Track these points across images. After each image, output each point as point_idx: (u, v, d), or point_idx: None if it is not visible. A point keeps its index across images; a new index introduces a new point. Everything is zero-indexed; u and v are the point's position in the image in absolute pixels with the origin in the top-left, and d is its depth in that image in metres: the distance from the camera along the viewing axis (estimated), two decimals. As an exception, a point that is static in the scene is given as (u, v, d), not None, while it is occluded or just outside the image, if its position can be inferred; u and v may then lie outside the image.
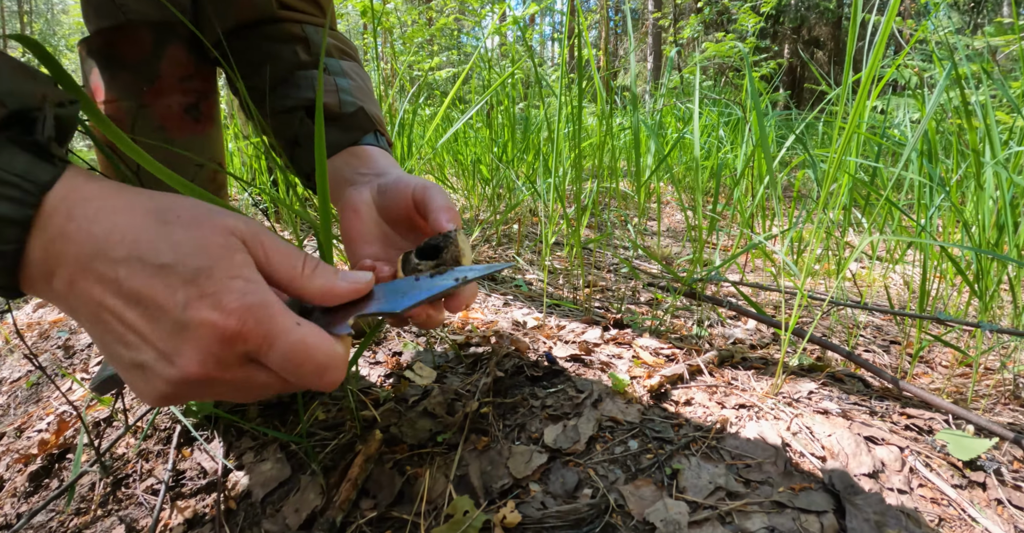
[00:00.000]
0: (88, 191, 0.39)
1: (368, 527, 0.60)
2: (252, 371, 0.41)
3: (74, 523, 0.77)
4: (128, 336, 0.39)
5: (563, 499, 0.59)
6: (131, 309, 0.38)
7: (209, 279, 0.38)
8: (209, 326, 0.37)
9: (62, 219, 0.38)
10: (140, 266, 0.38)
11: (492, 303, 1.23)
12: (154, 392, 0.40)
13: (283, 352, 0.39)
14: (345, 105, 0.71)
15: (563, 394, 0.77)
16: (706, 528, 0.55)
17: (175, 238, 0.39)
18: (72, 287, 0.38)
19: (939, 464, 0.73)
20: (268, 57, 0.77)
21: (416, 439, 0.69)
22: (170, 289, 0.38)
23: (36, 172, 0.38)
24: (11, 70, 0.39)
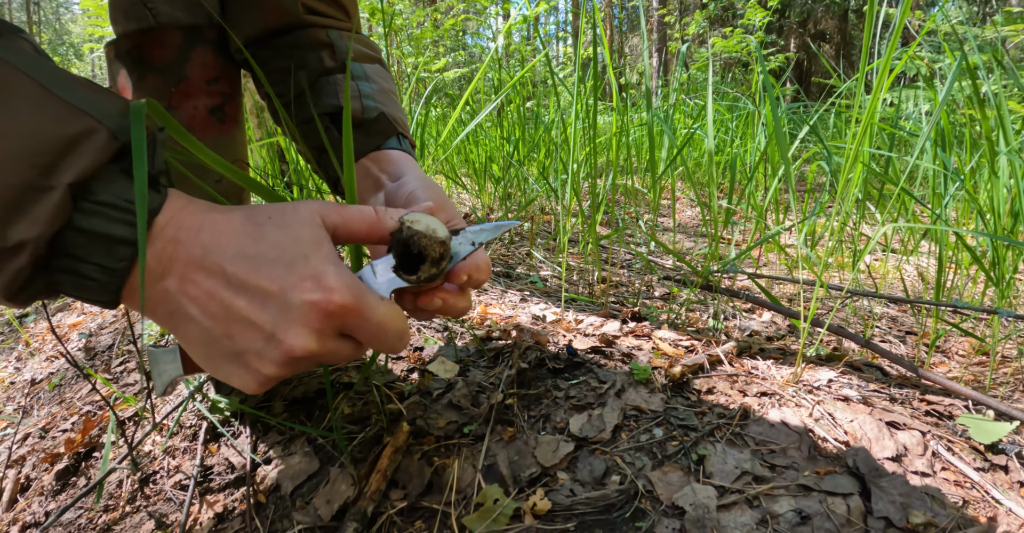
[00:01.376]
0: (191, 209, 0.44)
1: (399, 517, 0.61)
2: (341, 343, 0.46)
3: (103, 520, 0.78)
4: (234, 326, 0.43)
5: (591, 486, 0.60)
6: (240, 297, 0.42)
7: (307, 265, 0.43)
8: (314, 304, 0.42)
9: (173, 231, 0.43)
10: (246, 260, 0.43)
11: (509, 299, 1.24)
12: (258, 377, 0.44)
13: (376, 323, 0.44)
14: (367, 111, 0.73)
15: (586, 385, 0.78)
16: (735, 511, 0.56)
17: (271, 236, 0.44)
18: (183, 285, 0.43)
19: (961, 448, 0.74)
20: (295, 64, 0.79)
21: (443, 431, 0.70)
22: (274, 277, 0.42)
23: (148, 198, 0.41)
24: (119, 106, 0.43)
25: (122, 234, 0.40)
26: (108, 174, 0.41)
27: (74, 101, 0.41)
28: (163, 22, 0.81)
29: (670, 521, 0.55)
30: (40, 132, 0.39)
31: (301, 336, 0.43)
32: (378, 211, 0.50)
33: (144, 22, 0.81)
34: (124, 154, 0.43)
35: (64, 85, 0.42)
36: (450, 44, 6.77)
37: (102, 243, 0.40)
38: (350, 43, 0.74)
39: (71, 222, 0.40)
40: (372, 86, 0.77)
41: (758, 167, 1.54)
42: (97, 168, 0.40)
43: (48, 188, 0.38)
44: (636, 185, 2.47)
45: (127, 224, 0.41)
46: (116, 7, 0.83)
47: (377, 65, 0.82)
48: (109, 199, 0.40)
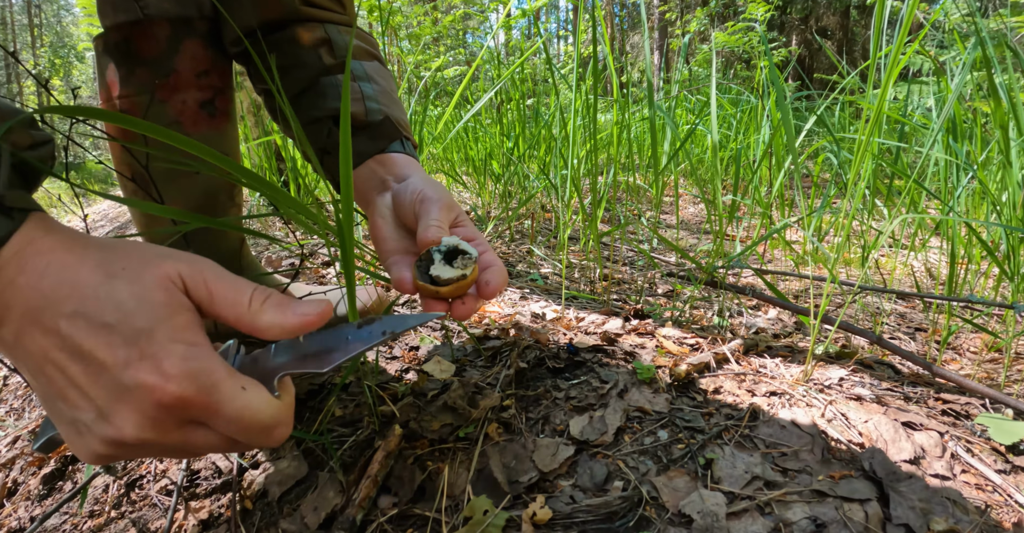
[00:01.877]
0: (43, 244, 0.39)
1: (389, 525, 0.58)
2: (192, 433, 0.39)
3: (87, 526, 0.75)
4: (68, 391, 0.38)
5: (593, 492, 0.57)
6: (74, 363, 0.37)
7: (150, 341, 0.37)
8: (147, 389, 0.36)
9: (13, 272, 0.38)
10: (85, 322, 0.37)
11: (509, 297, 1.21)
12: (89, 451, 0.39)
13: (228, 418, 0.38)
14: (371, 113, 0.71)
15: (587, 385, 0.75)
16: (745, 519, 0.52)
17: (119, 296, 0.38)
18: (19, 338, 0.38)
19: (980, 449, 0.71)
20: (293, 62, 0.77)
21: (437, 434, 0.67)
22: (111, 348, 0.37)
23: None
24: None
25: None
26: None
27: None
28: (151, 14, 0.79)
29: (676, 530, 0.51)
30: None
31: (130, 422, 0.37)
32: (254, 298, 0.42)
33: (132, 14, 0.79)
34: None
35: None
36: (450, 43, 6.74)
37: None
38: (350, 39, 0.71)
39: None
40: (374, 87, 0.74)
41: (763, 160, 1.50)
42: None
43: None
44: (638, 182, 2.44)
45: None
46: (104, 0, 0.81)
47: (376, 62, 0.80)
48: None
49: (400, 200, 0.62)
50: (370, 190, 0.68)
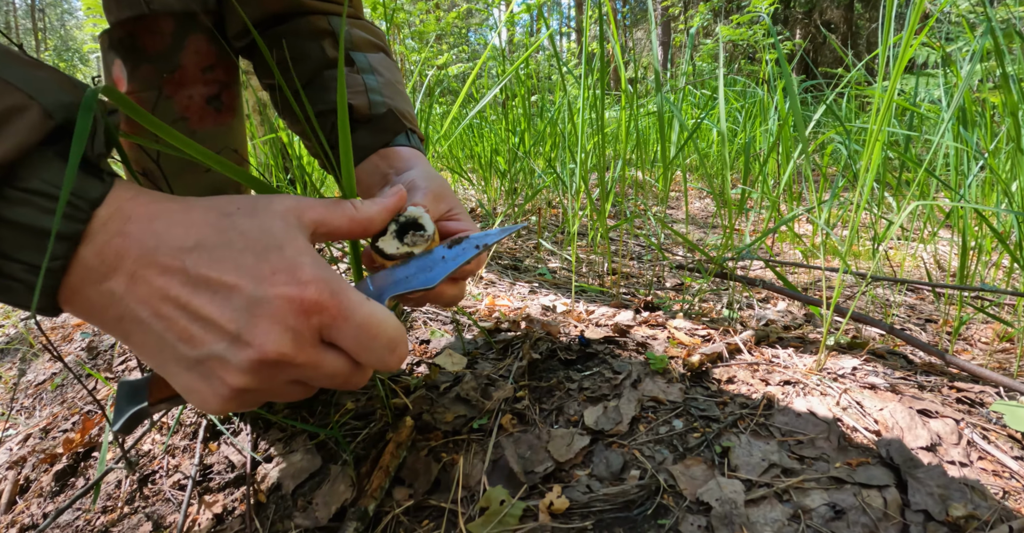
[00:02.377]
0: (143, 198, 0.40)
1: (404, 516, 0.58)
2: (324, 354, 0.40)
3: (101, 521, 0.76)
4: (192, 328, 0.38)
5: (610, 481, 0.57)
6: (199, 295, 0.37)
7: (281, 255, 0.39)
8: (286, 298, 0.37)
9: (119, 223, 0.38)
10: (207, 253, 0.38)
11: (518, 291, 1.21)
12: (217, 393, 0.39)
13: (358, 324, 0.39)
14: (375, 106, 0.70)
15: (599, 376, 0.74)
16: (764, 506, 0.52)
17: (241, 226, 0.39)
18: (132, 285, 0.38)
19: (996, 436, 0.70)
20: (296, 55, 0.76)
21: (450, 425, 0.67)
22: (241, 269, 0.38)
23: (85, 188, 0.37)
24: (58, 81, 0.39)
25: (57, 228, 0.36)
26: (40, 158, 0.37)
27: (6, 76, 0.37)
28: (156, 9, 0.79)
29: (695, 518, 0.51)
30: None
31: (272, 334, 0.37)
32: (356, 204, 0.46)
33: (137, 9, 0.79)
34: (61, 136, 0.38)
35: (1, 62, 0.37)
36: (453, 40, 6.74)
37: (31, 237, 0.36)
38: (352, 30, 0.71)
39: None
40: (378, 79, 0.74)
41: (771, 152, 1.50)
42: (25, 150, 0.36)
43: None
44: (645, 177, 2.44)
45: (63, 216, 0.36)
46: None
47: (381, 54, 0.79)
48: (40, 186, 0.36)
49: None
50: (373, 185, 0.67)
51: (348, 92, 0.71)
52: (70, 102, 0.39)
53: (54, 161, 0.37)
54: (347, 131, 0.56)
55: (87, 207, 0.37)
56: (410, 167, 0.65)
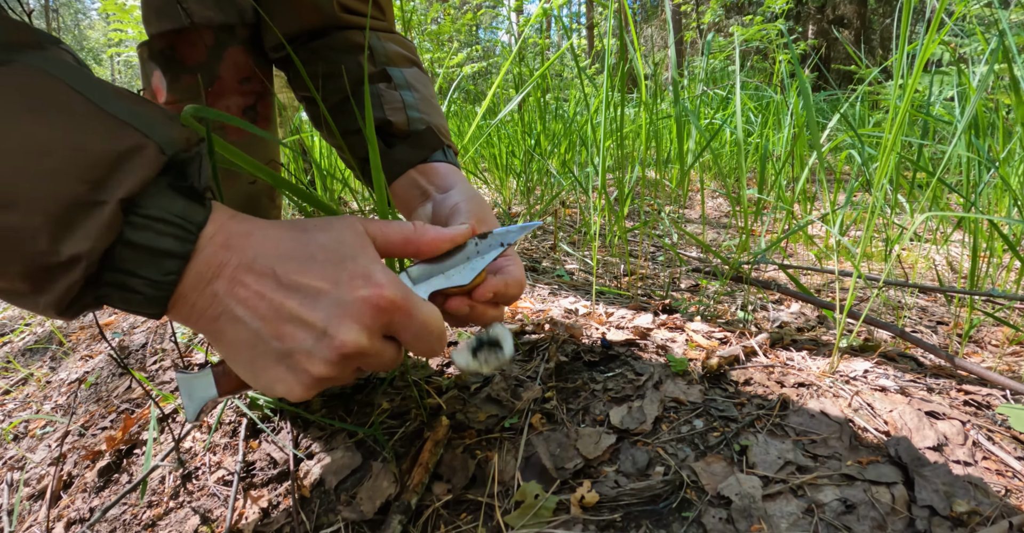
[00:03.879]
0: (237, 219, 0.46)
1: (444, 510, 0.62)
2: (386, 344, 0.47)
3: (147, 515, 0.79)
4: (284, 326, 0.44)
5: (636, 477, 0.61)
6: (291, 297, 0.44)
7: (356, 264, 0.45)
8: (364, 299, 0.44)
9: (223, 237, 0.44)
10: (296, 262, 0.44)
11: (538, 293, 1.25)
12: (305, 380, 0.45)
13: (421, 321, 0.47)
14: (413, 122, 0.74)
15: (622, 377, 0.79)
16: (780, 501, 0.56)
17: (319, 240, 0.46)
18: (233, 286, 0.44)
19: (1001, 437, 0.73)
20: (333, 70, 0.79)
21: (483, 424, 0.71)
22: (325, 276, 0.44)
23: (192, 213, 0.43)
24: (161, 117, 0.44)
25: (170, 247, 0.41)
26: (156, 188, 0.42)
27: (121, 115, 0.42)
28: (197, 22, 0.82)
29: (716, 511, 0.55)
30: (89, 147, 0.39)
31: (353, 331, 0.43)
32: (416, 224, 0.52)
33: (177, 22, 0.81)
34: (170, 167, 0.44)
35: (110, 98, 0.42)
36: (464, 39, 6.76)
37: (150, 256, 0.41)
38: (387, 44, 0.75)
39: (122, 236, 0.40)
40: (415, 95, 0.77)
41: (787, 159, 1.53)
42: (146, 183, 0.41)
43: (100, 203, 0.39)
44: (659, 177, 2.46)
45: (175, 237, 0.42)
46: (149, 7, 0.84)
47: (415, 68, 0.82)
48: (157, 213, 0.41)
49: (438, 212, 0.67)
50: (412, 199, 0.72)
51: (387, 109, 0.74)
52: (175, 137, 0.44)
53: (167, 190, 0.43)
54: (375, 148, 0.62)
55: (195, 229, 0.43)
56: (450, 185, 0.69)
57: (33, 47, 0.43)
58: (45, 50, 0.44)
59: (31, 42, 0.44)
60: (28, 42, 0.44)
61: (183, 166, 0.44)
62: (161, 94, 0.87)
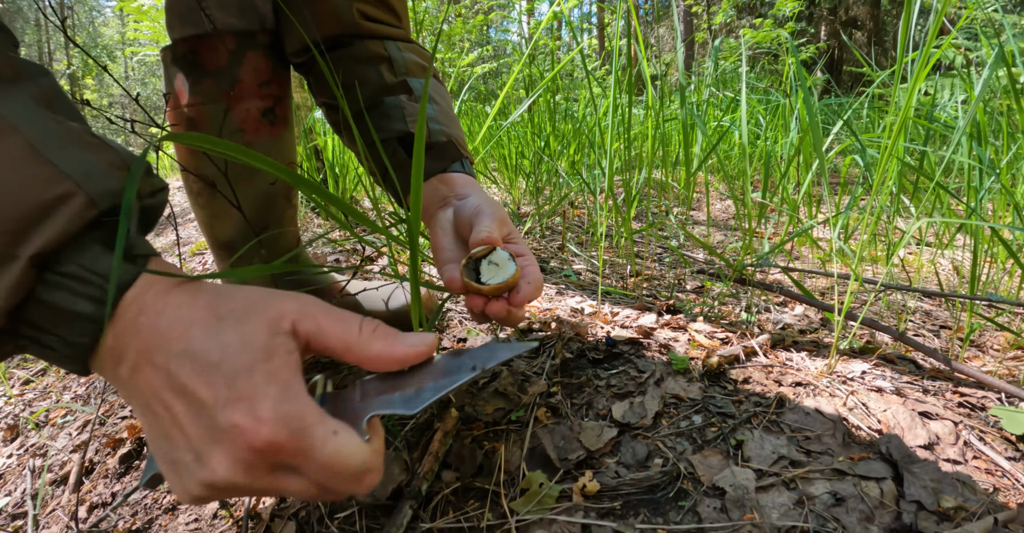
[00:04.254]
0: (161, 286, 0.42)
1: (452, 496, 0.65)
2: (283, 479, 0.40)
3: (167, 500, 0.83)
4: (172, 430, 0.40)
5: (636, 468, 0.64)
6: (179, 402, 0.39)
7: (248, 382, 0.38)
8: (240, 432, 0.37)
9: (134, 312, 0.40)
10: (191, 362, 0.39)
11: (546, 293, 1.28)
12: (185, 491, 0.41)
13: (319, 464, 0.38)
14: (434, 134, 0.77)
15: (625, 374, 0.82)
16: (772, 493, 0.59)
17: (224, 337, 0.40)
18: (134, 375, 0.40)
19: (992, 438, 0.76)
20: (354, 79, 0.82)
21: (491, 417, 0.74)
22: (212, 387, 0.38)
23: (119, 272, 0.39)
24: (107, 165, 0.42)
25: (84, 310, 0.38)
26: (81, 242, 0.39)
27: (59, 161, 0.39)
28: (219, 28, 0.85)
29: (711, 500, 0.58)
30: (13, 195, 0.37)
31: (223, 465, 0.38)
32: (363, 328, 0.43)
33: (199, 27, 0.84)
34: (102, 221, 0.41)
35: (54, 142, 0.40)
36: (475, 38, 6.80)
37: (65, 317, 0.38)
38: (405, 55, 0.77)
39: (34, 294, 0.38)
40: (435, 108, 0.79)
41: (791, 162, 1.55)
42: (66, 237, 0.38)
43: (10, 258, 0.36)
44: (667, 179, 2.49)
45: (91, 300, 0.39)
46: (173, 13, 0.87)
47: (433, 79, 0.84)
48: (76, 271, 0.38)
49: (460, 214, 0.69)
50: (432, 205, 0.74)
51: (409, 121, 0.78)
52: (117, 189, 0.41)
53: (93, 245, 0.40)
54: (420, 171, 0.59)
55: (116, 292, 0.40)
56: (468, 193, 0.72)
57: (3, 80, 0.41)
58: (16, 84, 0.42)
59: (4, 74, 0.42)
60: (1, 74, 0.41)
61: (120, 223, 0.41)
62: (183, 96, 0.91)
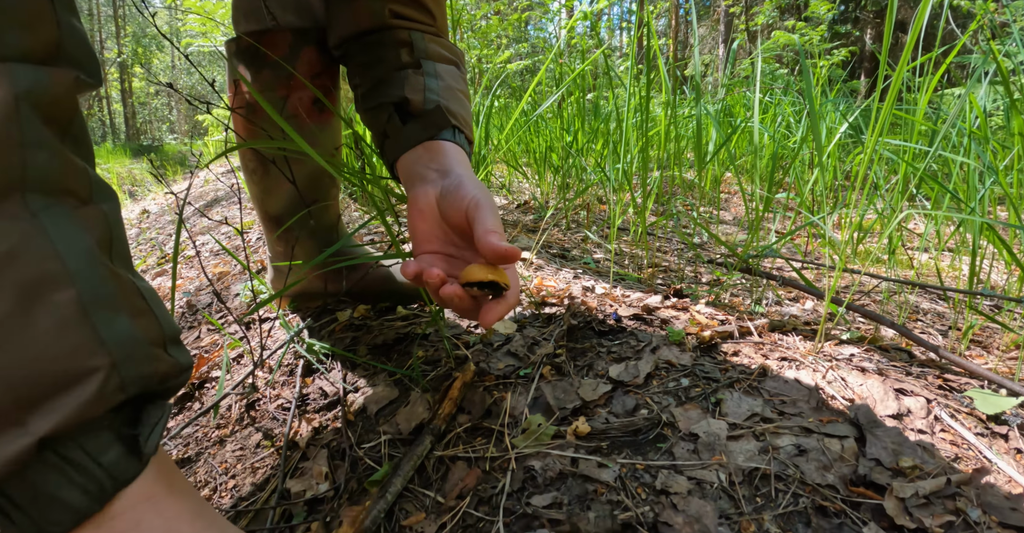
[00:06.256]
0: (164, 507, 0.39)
1: (464, 434, 0.75)
2: None
3: (216, 434, 0.94)
4: None
5: (623, 417, 0.73)
6: None
7: None
8: None
9: (125, 526, 0.38)
10: None
11: (563, 276, 1.37)
12: None
13: None
14: (428, 103, 0.79)
15: (626, 344, 0.90)
16: (741, 441, 0.67)
17: None
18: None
19: (964, 417, 0.82)
20: (375, 60, 0.88)
21: (502, 372, 0.84)
22: None
23: (122, 468, 0.38)
24: (149, 342, 0.40)
25: (72, 501, 0.36)
26: (93, 426, 0.37)
27: (104, 331, 0.37)
28: (280, 24, 0.96)
29: (686, 444, 0.67)
30: (46, 359, 0.34)
31: None
32: None
33: (262, 24, 0.95)
34: (124, 406, 0.39)
35: (106, 304, 0.38)
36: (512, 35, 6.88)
37: (46, 501, 0.35)
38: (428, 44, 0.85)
39: (23, 470, 0.35)
40: (439, 83, 0.83)
41: (795, 160, 1.61)
42: (84, 420, 0.36)
43: (19, 425, 0.34)
44: (691, 177, 2.55)
45: (83, 491, 0.36)
46: (239, 10, 0.98)
47: (452, 67, 0.89)
48: (78, 458, 0.36)
49: (450, 199, 0.65)
50: (413, 176, 0.75)
51: (408, 89, 0.80)
52: (150, 374, 0.40)
53: (103, 432, 0.37)
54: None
55: (112, 489, 0.37)
56: (451, 167, 0.70)
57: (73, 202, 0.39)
58: (85, 208, 0.40)
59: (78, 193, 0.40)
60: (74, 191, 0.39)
61: (141, 408, 0.40)
62: (244, 85, 1.02)
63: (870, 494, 0.62)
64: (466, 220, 0.62)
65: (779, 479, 0.62)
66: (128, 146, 14.78)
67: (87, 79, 0.41)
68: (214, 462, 0.87)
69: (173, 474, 0.42)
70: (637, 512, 0.58)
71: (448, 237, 0.67)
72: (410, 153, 0.75)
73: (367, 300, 1.15)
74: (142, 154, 11.59)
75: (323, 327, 1.10)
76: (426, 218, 0.67)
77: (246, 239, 2.17)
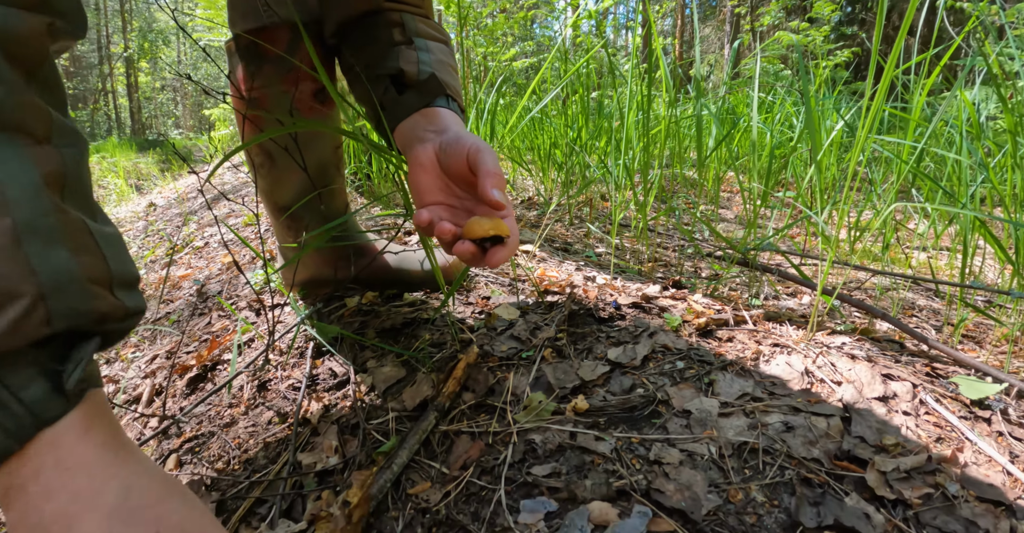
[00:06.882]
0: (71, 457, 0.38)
1: (468, 410, 0.79)
2: None
3: (228, 413, 0.98)
4: None
5: (620, 395, 0.76)
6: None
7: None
8: None
9: (28, 473, 0.36)
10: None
11: (566, 268, 1.41)
12: None
13: None
14: (422, 73, 0.83)
15: (624, 330, 0.94)
16: (732, 418, 0.71)
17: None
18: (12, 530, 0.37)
19: (949, 401, 0.85)
20: (369, 40, 0.91)
21: (505, 354, 0.88)
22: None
23: (44, 405, 0.37)
24: (87, 278, 0.39)
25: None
26: (15, 359, 0.36)
27: (36, 261, 0.36)
28: (275, 21, 0.97)
29: (679, 419, 0.70)
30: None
31: None
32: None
33: (260, 21, 0.97)
34: (54, 341, 0.38)
35: (43, 236, 0.37)
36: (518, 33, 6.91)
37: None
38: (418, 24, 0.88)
39: None
40: (431, 56, 0.87)
41: (791, 154, 1.64)
42: (2, 351, 0.35)
43: None
44: (693, 175, 2.58)
45: (2, 429, 0.35)
46: (236, 10, 1.01)
47: (442, 44, 0.92)
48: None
49: (449, 149, 0.67)
50: (412, 139, 0.78)
51: (403, 61, 0.84)
52: (82, 311, 0.38)
53: (27, 367, 0.36)
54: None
55: (32, 427, 0.36)
56: (447, 126, 0.74)
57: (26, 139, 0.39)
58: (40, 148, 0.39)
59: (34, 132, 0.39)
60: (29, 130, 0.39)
61: (74, 345, 0.39)
62: (245, 81, 1.05)
63: (853, 468, 0.66)
64: (467, 167, 0.65)
65: (767, 452, 0.66)
66: (134, 140, 14.83)
67: (65, 26, 0.42)
68: (227, 437, 0.91)
69: (104, 416, 0.41)
70: (631, 480, 0.61)
71: (450, 189, 0.70)
72: (408, 121, 0.79)
73: (375, 287, 1.18)
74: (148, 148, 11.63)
75: (333, 312, 1.14)
76: (428, 171, 0.70)
77: (252, 232, 2.21)
